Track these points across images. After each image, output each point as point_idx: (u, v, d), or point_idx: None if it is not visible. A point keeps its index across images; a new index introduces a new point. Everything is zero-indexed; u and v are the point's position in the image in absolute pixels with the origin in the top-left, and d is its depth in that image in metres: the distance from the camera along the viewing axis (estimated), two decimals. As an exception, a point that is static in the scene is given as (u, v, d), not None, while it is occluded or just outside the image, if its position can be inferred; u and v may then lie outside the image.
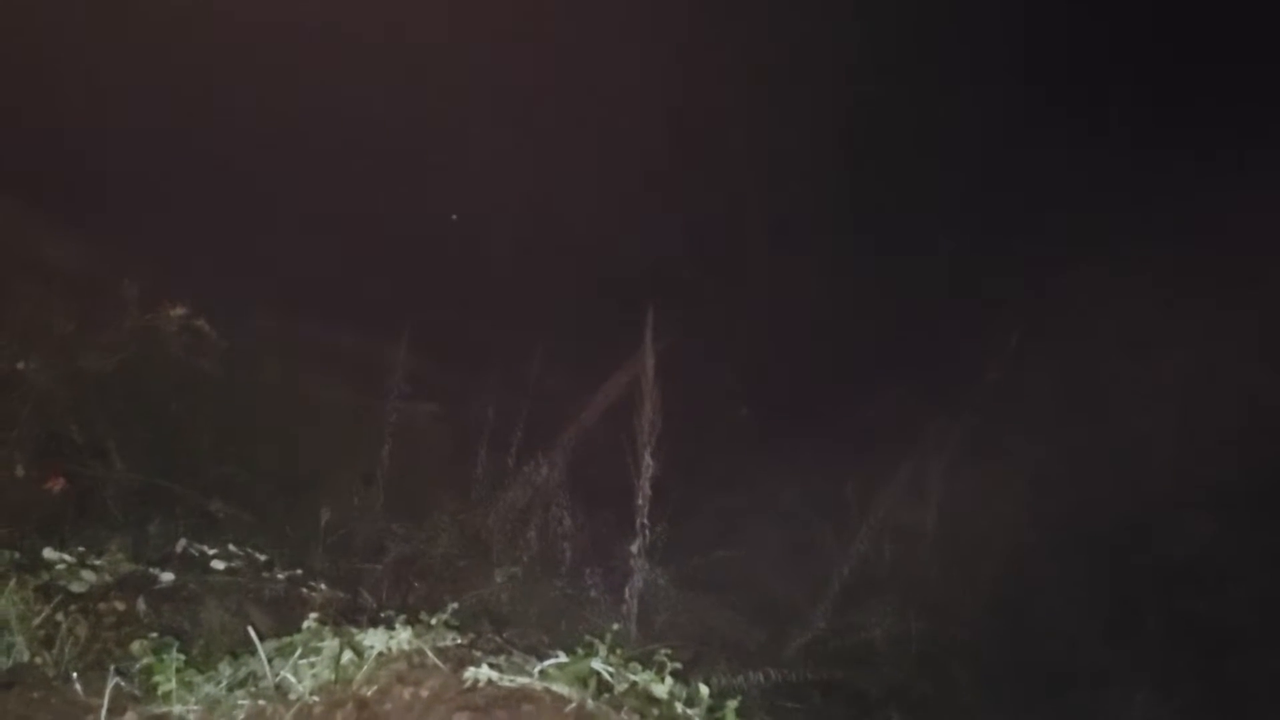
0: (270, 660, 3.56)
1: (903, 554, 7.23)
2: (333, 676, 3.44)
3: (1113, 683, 6.28)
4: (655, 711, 3.31)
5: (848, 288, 9.00)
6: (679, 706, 3.34)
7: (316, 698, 3.36)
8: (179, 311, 6.03)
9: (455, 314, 8.63)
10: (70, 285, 6.03)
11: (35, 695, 3.39)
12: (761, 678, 5.27)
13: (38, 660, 3.63)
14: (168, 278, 6.67)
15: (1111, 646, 6.64)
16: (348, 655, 3.50)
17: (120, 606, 4.23)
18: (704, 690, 3.44)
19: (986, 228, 8.86)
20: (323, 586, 5.08)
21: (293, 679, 3.46)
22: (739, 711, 3.32)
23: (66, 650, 3.72)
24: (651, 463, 6.08)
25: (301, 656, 3.55)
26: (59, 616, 3.88)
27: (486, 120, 8.66)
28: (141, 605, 4.34)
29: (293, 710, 3.31)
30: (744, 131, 9.16)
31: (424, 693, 3.27)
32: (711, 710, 3.36)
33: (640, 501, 6.07)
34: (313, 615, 3.81)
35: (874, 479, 7.48)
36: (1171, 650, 6.54)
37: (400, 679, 3.36)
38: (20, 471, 5.35)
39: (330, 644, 3.57)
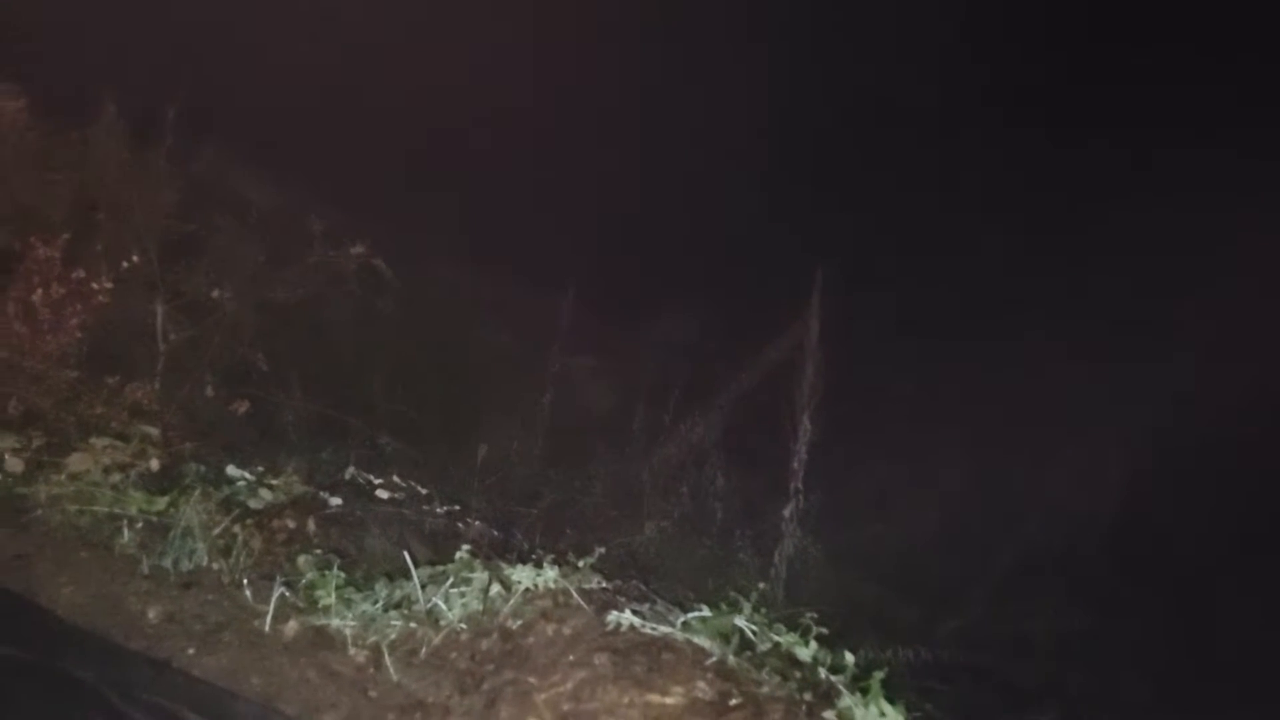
0: (423, 586, 3.69)
1: (1072, 543, 6.83)
2: (480, 607, 3.53)
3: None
4: (798, 674, 3.22)
5: (1032, 266, 8.53)
6: (822, 672, 3.25)
7: (464, 625, 3.46)
8: (358, 250, 6.30)
9: (622, 272, 8.68)
10: (263, 218, 6.38)
11: (210, 597, 3.64)
12: (910, 655, 5.08)
13: (215, 566, 3.88)
14: (350, 217, 6.97)
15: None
16: (496, 588, 3.59)
17: (291, 524, 4.47)
18: (849, 658, 3.33)
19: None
20: (478, 524, 5.22)
21: (443, 606, 3.57)
22: (884, 684, 3.18)
23: (241, 559, 3.96)
24: (810, 427, 5.94)
25: (453, 585, 3.67)
26: (236, 529, 4.14)
27: (664, 92, 8.63)
28: (311, 525, 4.57)
29: (442, 635, 3.42)
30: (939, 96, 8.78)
31: (566, 630, 3.30)
32: (856, 679, 3.25)
33: (795, 466, 5.95)
34: (465, 547, 3.92)
35: (1045, 462, 7.08)
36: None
37: (545, 615, 3.41)
38: (210, 392, 5.73)
39: (480, 576, 3.67)
